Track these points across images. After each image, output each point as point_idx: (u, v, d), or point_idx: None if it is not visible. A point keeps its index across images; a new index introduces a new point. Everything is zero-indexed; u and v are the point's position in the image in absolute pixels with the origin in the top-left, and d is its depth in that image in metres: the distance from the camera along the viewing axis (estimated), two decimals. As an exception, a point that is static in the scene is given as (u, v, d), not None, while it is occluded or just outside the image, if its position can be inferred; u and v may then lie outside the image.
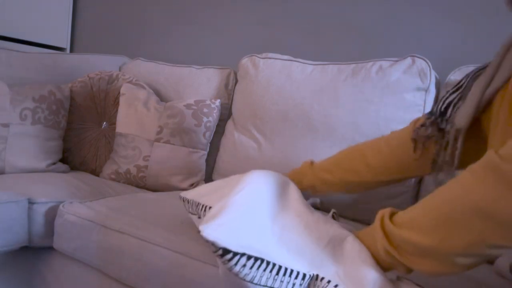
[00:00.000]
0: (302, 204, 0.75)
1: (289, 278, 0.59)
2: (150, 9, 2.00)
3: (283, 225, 0.68)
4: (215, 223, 0.60)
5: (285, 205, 0.73)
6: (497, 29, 1.27)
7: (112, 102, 1.56)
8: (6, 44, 1.90)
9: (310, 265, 0.62)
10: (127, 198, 1.14)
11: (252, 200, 0.69)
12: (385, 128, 1.17)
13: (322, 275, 0.60)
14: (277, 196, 0.74)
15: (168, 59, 1.78)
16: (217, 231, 0.58)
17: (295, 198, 0.76)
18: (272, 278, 0.58)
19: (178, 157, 1.39)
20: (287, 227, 0.68)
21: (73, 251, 0.98)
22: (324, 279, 0.59)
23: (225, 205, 0.65)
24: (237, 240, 0.58)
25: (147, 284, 0.84)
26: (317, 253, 0.65)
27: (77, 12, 2.24)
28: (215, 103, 1.46)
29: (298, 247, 0.65)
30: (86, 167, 1.54)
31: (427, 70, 1.18)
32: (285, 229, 0.67)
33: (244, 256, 0.57)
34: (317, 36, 1.58)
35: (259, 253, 0.58)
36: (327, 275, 0.60)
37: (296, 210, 0.72)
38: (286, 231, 0.67)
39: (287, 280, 0.59)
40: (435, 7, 1.37)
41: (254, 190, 0.71)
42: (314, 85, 1.29)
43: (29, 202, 1.05)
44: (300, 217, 0.71)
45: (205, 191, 0.83)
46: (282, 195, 0.75)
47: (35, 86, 1.46)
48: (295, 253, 0.63)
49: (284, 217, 0.70)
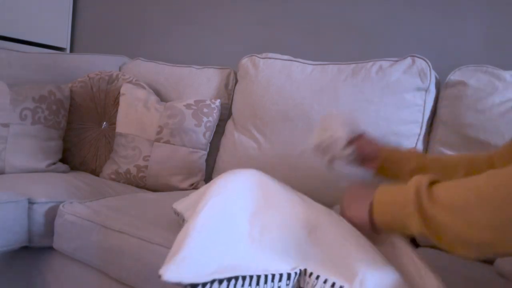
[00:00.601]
0: (284, 195, 0.72)
1: (272, 283, 0.58)
2: (150, 9, 2.00)
3: (263, 225, 0.65)
4: (175, 261, 0.57)
5: (265, 203, 0.69)
6: (497, 29, 1.27)
7: (112, 102, 1.56)
8: (6, 44, 1.90)
9: (296, 260, 0.61)
10: (127, 198, 1.14)
11: (220, 212, 0.65)
12: (385, 128, 1.17)
13: (310, 270, 0.59)
14: (253, 196, 0.70)
15: (168, 59, 1.78)
16: (178, 269, 0.55)
17: (276, 191, 0.73)
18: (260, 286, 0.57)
19: (178, 157, 1.39)
20: (268, 226, 0.65)
21: (73, 251, 0.98)
22: (313, 275, 0.59)
23: (186, 234, 0.61)
24: (204, 269, 0.56)
25: (147, 284, 0.84)
26: (301, 244, 0.63)
27: (77, 12, 2.23)
28: (215, 103, 1.46)
29: (282, 245, 0.63)
30: (86, 167, 1.54)
31: (427, 70, 1.18)
32: (265, 229, 0.65)
33: (215, 283, 0.55)
34: (317, 36, 1.58)
35: (233, 271, 0.57)
36: (315, 269, 0.59)
37: (277, 205, 0.69)
38: (266, 231, 0.64)
39: (271, 286, 0.58)
40: (435, 7, 1.37)
41: (222, 200, 0.68)
42: (314, 85, 1.29)
43: (29, 202, 1.05)
44: (282, 212, 0.68)
45: (191, 201, 0.81)
46: (258, 193, 0.71)
47: (35, 86, 1.46)
48: (280, 252, 0.62)
49: (264, 216, 0.67)
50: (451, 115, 1.14)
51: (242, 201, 0.69)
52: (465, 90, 1.12)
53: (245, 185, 0.72)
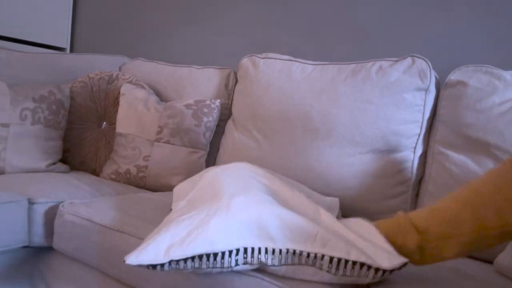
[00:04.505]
0: (255, 179, 0.87)
1: (229, 258, 0.69)
2: (150, 9, 2.00)
3: (239, 203, 0.75)
4: (137, 250, 0.68)
5: (246, 185, 0.82)
6: (497, 29, 1.27)
7: (112, 102, 1.56)
8: (6, 44, 1.90)
9: (258, 236, 0.70)
10: (127, 198, 1.14)
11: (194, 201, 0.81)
12: (385, 128, 1.17)
13: (272, 246, 0.70)
14: (234, 179, 0.85)
15: (168, 59, 1.78)
16: (139, 255, 0.67)
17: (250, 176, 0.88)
18: (212, 264, 0.69)
19: (178, 157, 1.39)
20: (239, 206, 0.74)
21: (73, 251, 0.98)
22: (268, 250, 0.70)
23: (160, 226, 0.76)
24: (164, 252, 0.68)
25: (147, 284, 0.84)
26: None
27: (77, 12, 2.24)
28: (215, 103, 1.46)
29: (248, 222, 0.72)
30: (86, 167, 1.54)
31: (427, 70, 1.18)
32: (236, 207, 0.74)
33: (173, 262, 0.67)
34: (317, 36, 1.58)
35: (192, 251, 0.68)
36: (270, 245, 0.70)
37: (251, 187, 0.82)
38: (235, 209, 0.73)
39: (228, 261, 0.69)
40: (435, 7, 1.37)
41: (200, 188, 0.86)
42: (314, 85, 1.29)
43: (29, 202, 1.05)
44: (251, 194, 0.78)
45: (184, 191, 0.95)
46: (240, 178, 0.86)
47: (35, 86, 1.46)
48: (243, 231, 0.70)
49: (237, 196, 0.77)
50: (451, 115, 1.14)
51: (223, 185, 0.83)
52: (465, 90, 1.12)
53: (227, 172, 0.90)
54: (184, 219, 0.73)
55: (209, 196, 0.80)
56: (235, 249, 0.69)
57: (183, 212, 0.77)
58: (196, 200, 0.83)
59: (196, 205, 0.79)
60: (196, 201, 0.82)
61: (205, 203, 0.78)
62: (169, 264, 0.67)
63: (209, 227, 0.70)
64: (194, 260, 0.68)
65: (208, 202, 0.77)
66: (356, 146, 1.20)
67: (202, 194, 0.84)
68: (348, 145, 1.20)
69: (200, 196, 0.84)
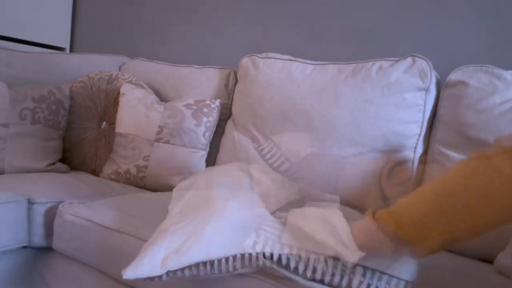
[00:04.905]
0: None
1: (227, 265, 0.69)
2: (150, 9, 2.00)
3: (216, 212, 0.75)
4: (134, 263, 0.69)
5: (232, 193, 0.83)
6: (497, 29, 1.27)
7: (112, 102, 1.56)
8: (6, 44, 1.90)
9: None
10: (127, 198, 1.14)
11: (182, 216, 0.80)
12: (385, 128, 1.17)
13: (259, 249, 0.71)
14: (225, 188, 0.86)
15: (168, 59, 1.78)
16: (136, 269, 0.68)
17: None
18: (209, 271, 0.69)
19: (178, 157, 1.39)
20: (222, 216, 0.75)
21: (73, 251, 0.98)
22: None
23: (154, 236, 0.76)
24: (161, 263, 0.69)
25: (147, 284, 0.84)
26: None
27: (77, 12, 2.23)
28: (215, 103, 1.46)
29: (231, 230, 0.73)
30: (86, 167, 1.54)
31: (428, 70, 1.17)
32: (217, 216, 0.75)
33: (170, 273, 0.68)
34: (317, 36, 1.58)
35: (188, 260, 0.69)
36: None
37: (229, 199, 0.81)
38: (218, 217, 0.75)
39: (225, 267, 0.70)
40: (435, 7, 1.37)
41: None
42: (314, 85, 1.29)
43: (29, 202, 1.04)
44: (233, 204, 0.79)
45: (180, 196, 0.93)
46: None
47: (35, 86, 1.46)
48: (238, 236, 0.72)
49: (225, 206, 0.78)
50: (451, 115, 1.14)
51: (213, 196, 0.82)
52: (465, 90, 1.12)
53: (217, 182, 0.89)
54: (179, 228, 0.73)
55: (202, 201, 0.81)
56: (231, 256, 0.69)
57: (177, 220, 0.77)
58: (190, 205, 0.83)
59: (190, 211, 0.79)
60: (190, 206, 0.83)
61: (199, 208, 0.78)
62: (166, 275, 0.68)
63: (203, 234, 0.70)
64: (191, 268, 0.69)
65: (202, 207, 0.78)
66: (356, 146, 1.20)
67: (196, 199, 0.84)
68: (348, 145, 1.20)
69: (194, 201, 0.84)
